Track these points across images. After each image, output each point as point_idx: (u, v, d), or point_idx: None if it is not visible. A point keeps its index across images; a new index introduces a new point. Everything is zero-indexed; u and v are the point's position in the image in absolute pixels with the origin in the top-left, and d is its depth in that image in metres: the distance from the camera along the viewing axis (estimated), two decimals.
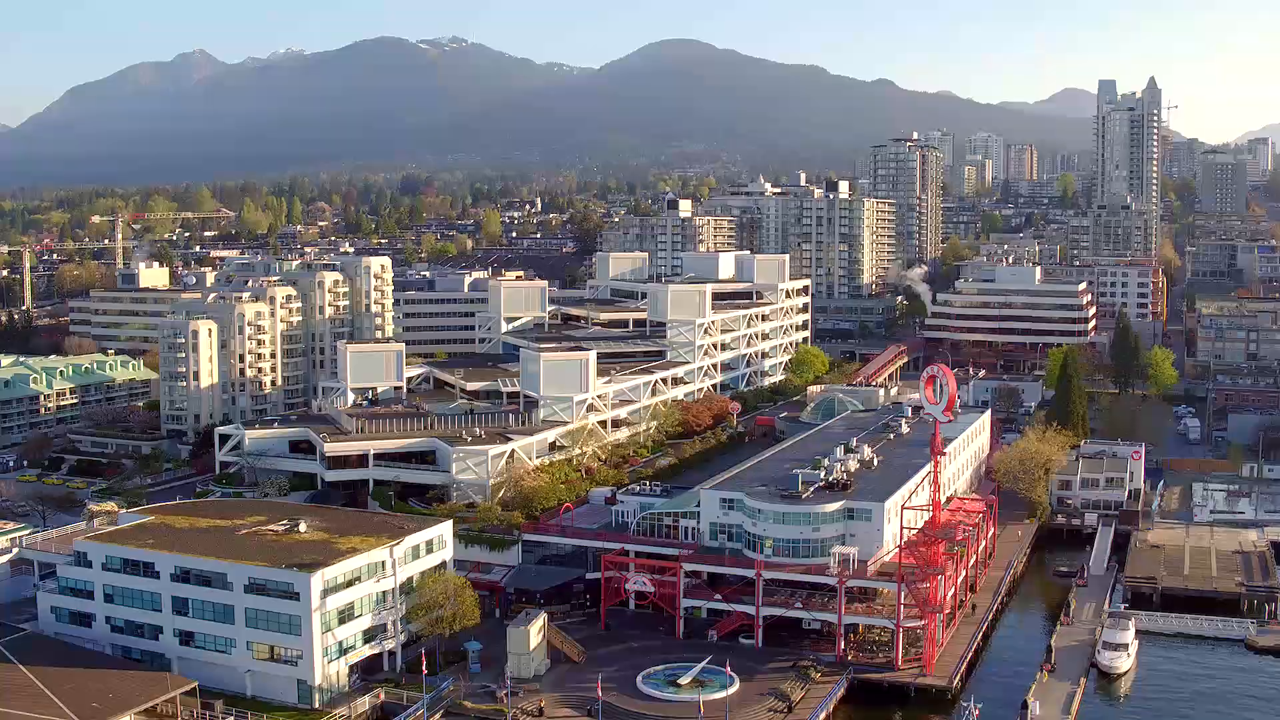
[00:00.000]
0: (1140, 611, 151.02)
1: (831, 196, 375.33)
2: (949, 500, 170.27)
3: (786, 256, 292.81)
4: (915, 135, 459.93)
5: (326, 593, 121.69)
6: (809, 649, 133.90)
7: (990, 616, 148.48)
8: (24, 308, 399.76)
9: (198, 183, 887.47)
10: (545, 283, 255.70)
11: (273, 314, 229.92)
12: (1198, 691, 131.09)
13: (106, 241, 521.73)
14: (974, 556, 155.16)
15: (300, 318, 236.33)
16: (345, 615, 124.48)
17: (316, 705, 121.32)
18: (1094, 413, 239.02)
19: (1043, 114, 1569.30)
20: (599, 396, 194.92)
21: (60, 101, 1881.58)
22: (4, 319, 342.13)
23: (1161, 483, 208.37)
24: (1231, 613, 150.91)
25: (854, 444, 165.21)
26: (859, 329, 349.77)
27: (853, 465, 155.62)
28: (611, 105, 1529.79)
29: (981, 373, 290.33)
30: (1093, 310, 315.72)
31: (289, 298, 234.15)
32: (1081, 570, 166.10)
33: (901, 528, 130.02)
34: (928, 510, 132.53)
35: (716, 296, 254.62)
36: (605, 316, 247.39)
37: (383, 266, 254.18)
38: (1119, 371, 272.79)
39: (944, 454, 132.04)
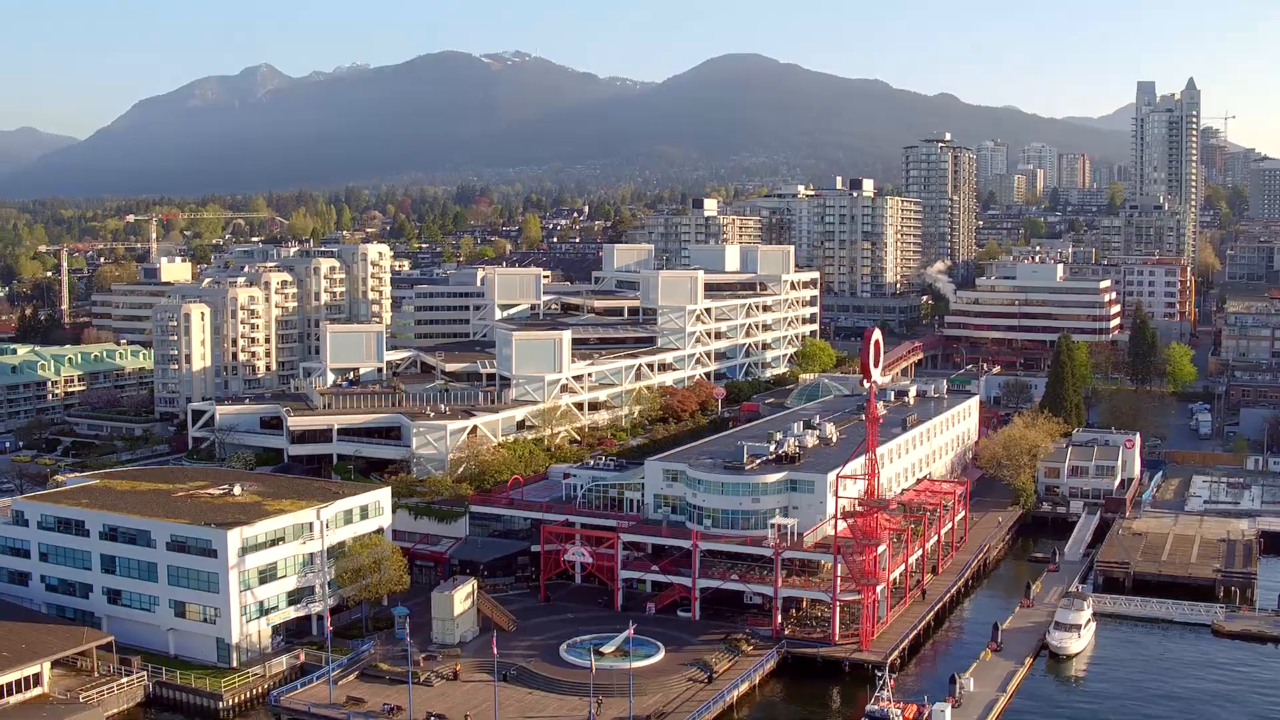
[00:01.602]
0: (1105, 595, 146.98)
1: (855, 195, 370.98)
2: (919, 481, 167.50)
3: (791, 248, 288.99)
4: (948, 136, 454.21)
5: (245, 551, 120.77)
6: (745, 623, 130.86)
7: (947, 598, 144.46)
8: (61, 305, 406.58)
9: (255, 193, 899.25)
10: (540, 270, 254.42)
11: (267, 299, 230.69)
12: (1151, 674, 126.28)
13: (152, 244, 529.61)
14: (935, 537, 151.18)
15: (296, 303, 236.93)
16: (267, 575, 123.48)
17: (235, 664, 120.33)
18: (1102, 405, 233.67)
19: (1106, 128, 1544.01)
20: (575, 378, 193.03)
21: (127, 115, 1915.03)
22: (29, 313, 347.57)
23: (1160, 474, 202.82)
24: (1206, 599, 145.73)
25: (816, 421, 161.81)
26: (881, 327, 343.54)
27: (811, 441, 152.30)
28: (672, 119, 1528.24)
29: (996, 368, 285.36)
30: (1116, 308, 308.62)
31: (284, 283, 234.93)
32: (1054, 554, 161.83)
33: (837, 497, 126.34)
34: (863, 479, 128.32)
35: (718, 287, 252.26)
36: (600, 304, 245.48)
37: (380, 254, 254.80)
38: (1135, 367, 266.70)
39: (879, 420, 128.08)
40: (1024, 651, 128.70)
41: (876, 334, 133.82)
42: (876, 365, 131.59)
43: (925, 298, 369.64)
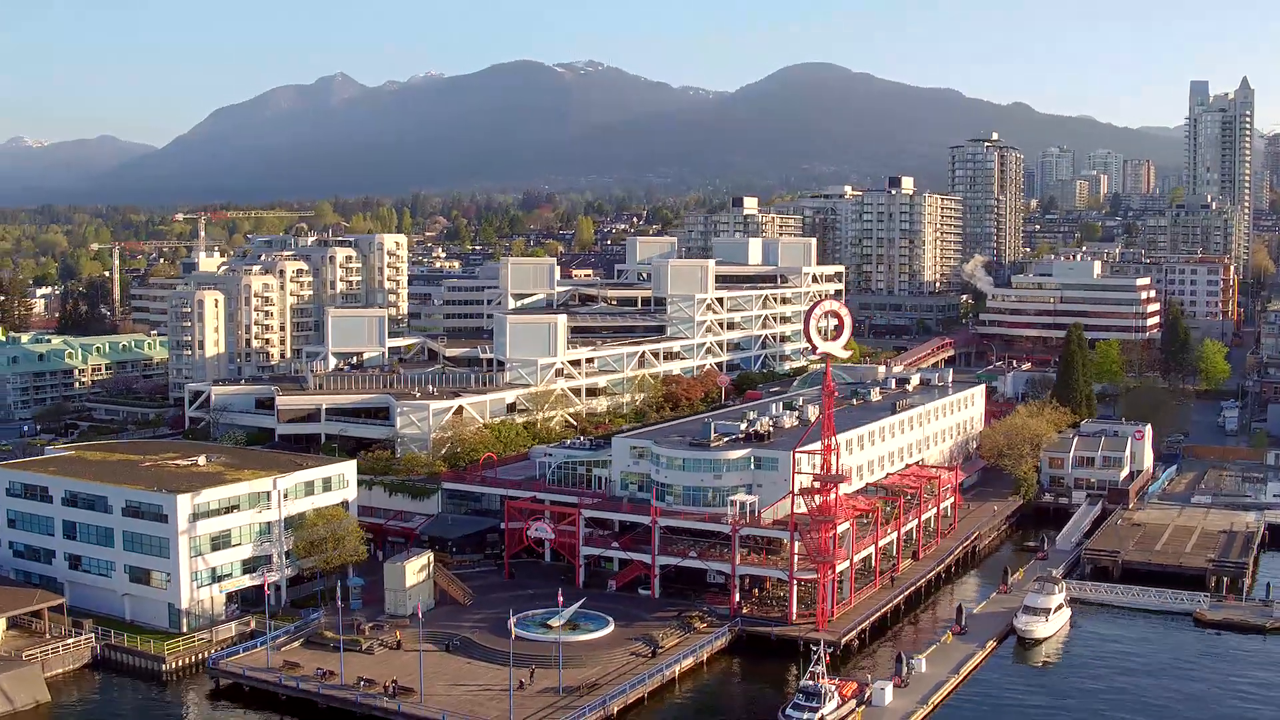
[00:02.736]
0: (1087, 582, 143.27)
1: (894, 193, 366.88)
2: (907, 466, 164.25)
3: (813, 241, 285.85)
4: (995, 135, 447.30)
5: (197, 517, 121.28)
6: (704, 601, 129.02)
7: (923, 583, 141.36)
8: (113, 301, 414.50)
9: (322, 198, 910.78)
10: (554, 260, 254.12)
11: (282, 287, 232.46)
12: (1121, 662, 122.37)
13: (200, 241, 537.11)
14: (914, 521, 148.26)
15: (311, 292, 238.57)
16: (220, 542, 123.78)
17: (185, 630, 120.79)
18: (1122, 399, 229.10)
19: (1179, 136, 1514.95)
20: (572, 363, 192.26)
21: (204, 123, 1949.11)
22: (70, 307, 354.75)
23: (1174, 467, 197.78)
24: (1196, 588, 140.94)
25: (799, 403, 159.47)
26: (917, 325, 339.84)
27: (789, 422, 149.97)
28: (744, 128, 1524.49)
29: (1026, 365, 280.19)
30: (1154, 307, 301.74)
31: (299, 272, 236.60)
32: (1042, 542, 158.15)
33: (794, 474, 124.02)
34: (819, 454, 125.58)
35: (735, 278, 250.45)
36: (615, 294, 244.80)
37: (397, 244, 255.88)
38: (1167, 364, 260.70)
39: (834, 393, 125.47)
40: (988, 635, 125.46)
41: (831, 303, 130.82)
42: (836, 338, 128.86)
43: (965, 296, 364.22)
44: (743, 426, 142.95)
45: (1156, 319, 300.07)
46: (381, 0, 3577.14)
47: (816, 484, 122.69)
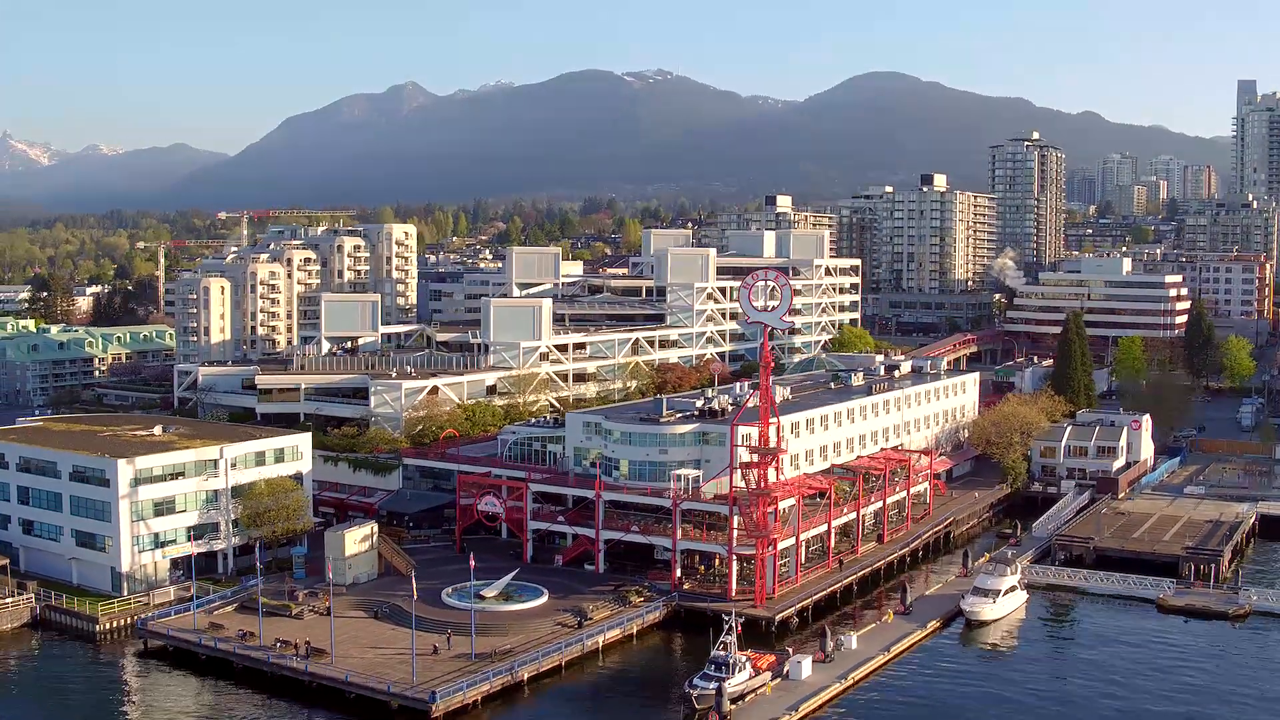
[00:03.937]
0: (1049, 567, 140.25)
1: (925, 190, 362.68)
2: (881, 450, 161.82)
3: (826, 232, 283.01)
4: (1035, 135, 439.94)
5: (139, 482, 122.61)
6: (645, 576, 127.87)
7: (881, 564, 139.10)
8: (159, 297, 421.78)
9: (385, 205, 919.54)
10: (559, 249, 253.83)
11: (289, 275, 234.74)
12: (1074, 646, 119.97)
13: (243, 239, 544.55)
14: (879, 504, 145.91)
15: (319, 281, 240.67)
16: (164, 508, 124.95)
17: (126, 594, 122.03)
18: (1126, 393, 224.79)
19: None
20: (558, 347, 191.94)
21: (276, 132, 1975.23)
22: (104, 301, 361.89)
23: (1177, 459, 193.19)
24: (1170, 576, 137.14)
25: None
26: (947, 323, 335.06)
27: (754, 401, 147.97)
28: (813, 137, 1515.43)
29: (1047, 361, 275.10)
30: (1184, 304, 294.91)
31: (307, 260, 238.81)
32: (1016, 529, 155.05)
33: (733, 448, 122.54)
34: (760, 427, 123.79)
35: (743, 270, 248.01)
36: (619, 284, 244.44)
37: (406, 234, 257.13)
38: (1189, 360, 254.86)
39: (771, 365, 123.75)
40: (932, 616, 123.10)
41: (771, 274, 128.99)
42: (773, 310, 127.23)
43: (999, 296, 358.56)
44: (698, 404, 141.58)
45: (1186, 316, 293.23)
46: (453, 10, 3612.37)
47: (754, 457, 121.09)
